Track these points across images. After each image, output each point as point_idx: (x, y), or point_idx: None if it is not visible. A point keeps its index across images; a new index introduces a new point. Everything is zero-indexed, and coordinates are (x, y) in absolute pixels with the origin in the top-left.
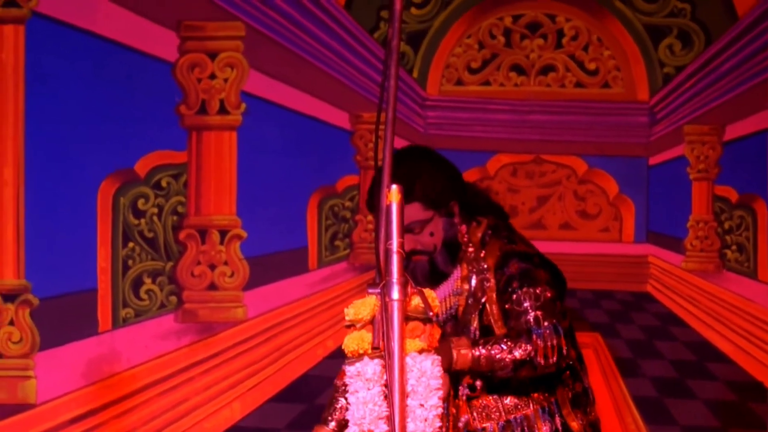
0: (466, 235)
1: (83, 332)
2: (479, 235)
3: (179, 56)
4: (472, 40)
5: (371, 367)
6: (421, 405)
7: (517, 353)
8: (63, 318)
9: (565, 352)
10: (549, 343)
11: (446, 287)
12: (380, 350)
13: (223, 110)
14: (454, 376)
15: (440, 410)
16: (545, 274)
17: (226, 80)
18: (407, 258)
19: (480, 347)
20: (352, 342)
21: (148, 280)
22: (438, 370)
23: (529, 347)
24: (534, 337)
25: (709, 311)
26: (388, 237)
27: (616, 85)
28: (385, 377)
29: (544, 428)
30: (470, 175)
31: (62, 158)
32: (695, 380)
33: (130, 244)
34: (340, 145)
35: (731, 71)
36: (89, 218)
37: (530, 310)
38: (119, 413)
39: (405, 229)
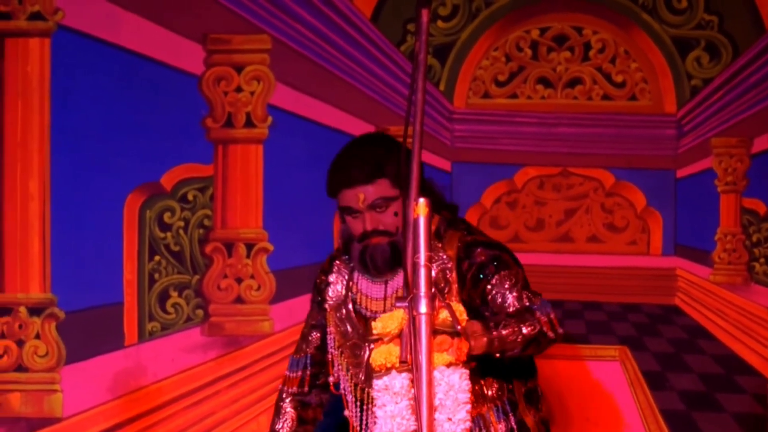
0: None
1: (109, 346)
2: (434, 227)
3: (205, 69)
4: (499, 52)
5: (399, 380)
6: (449, 419)
7: (525, 330)
8: (89, 331)
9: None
10: (551, 316)
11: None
12: (408, 364)
13: (249, 123)
14: None
15: (468, 424)
16: (512, 258)
17: (252, 93)
18: (364, 238)
19: (493, 330)
20: (380, 356)
21: (174, 294)
22: (466, 384)
23: (535, 323)
24: (537, 313)
25: (737, 324)
26: (416, 251)
27: (644, 98)
28: (412, 391)
29: (500, 426)
30: (498, 188)
31: (88, 171)
32: (723, 393)
33: (156, 258)
34: None
35: (759, 83)
36: (115, 232)
37: (515, 290)
38: (145, 427)
39: (369, 206)
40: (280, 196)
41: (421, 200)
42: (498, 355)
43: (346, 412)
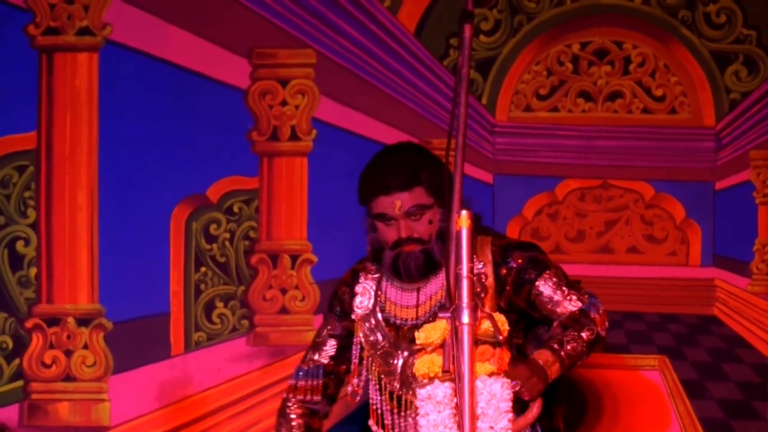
0: None
1: (156, 355)
2: None
3: (251, 83)
4: (541, 66)
5: (442, 390)
6: (491, 428)
7: (585, 336)
8: (136, 341)
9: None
10: (601, 312)
11: (437, 282)
12: (450, 373)
13: (294, 136)
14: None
15: (509, 431)
16: (545, 256)
17: (297, 107)
18: (398, 245)
19: (560, 350)
20: (423, 365)
21: (220, 304)
22: (508, 393)
23: (592, 326)
24: (591, 313)
25: None
26: (458, 262)
27: (683, 111)
28: (455, 400)
29: None
30: (539, 200)
31: (135, 184)
32: (761, 402)
33: (203, 269)
34: None
35: None
36: (162, 243)
37: (561, 290)
38: None
39: (405, 214)
40: (324, 208)
41: (464, 212)
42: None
43: (371, 422)
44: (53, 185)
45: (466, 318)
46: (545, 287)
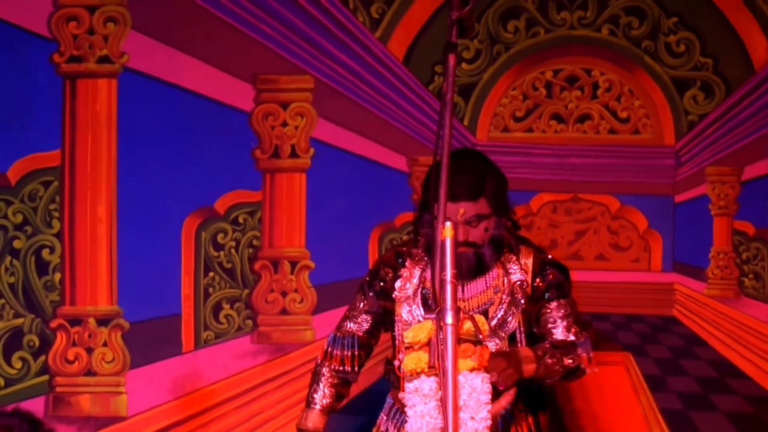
0: (509, 238)
1: (168, 352)
2: (509, 240)
3: (255, 106)
4: (517, 91)
5: (428, 384)
6: (472, 418)
7: (566, 362)
8: (150, 340)
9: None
10: (590, 355)
11: (483, 281)
12: (435, 369)
13: (293, 154)
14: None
15: (489, 422)
16: (571, 286)
17: (296, 128)
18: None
19: (542, 357)
20: (411, 362)
21: (226, 306)
22: (487, 387)
23: (576, 358)
24: (579, 349)
25: (728, 333)
26: (443, 268)
27: (646, 132)
28: (439, 393)
29: None
30: (516, 212)
31: (150, 197)
32: (717, 395)
33: (211, 274)
34: (398, 185)
35: (749, 118)
36: (174, 251)
37: (567, 320)
38: (201, 425)
39: (466, 221)
40: (321, 219)
41: (447, 224)
42: (537, 380)
43: (389, 397)
44: (76, 198)
45: (449, 319)
46: (557, 311)
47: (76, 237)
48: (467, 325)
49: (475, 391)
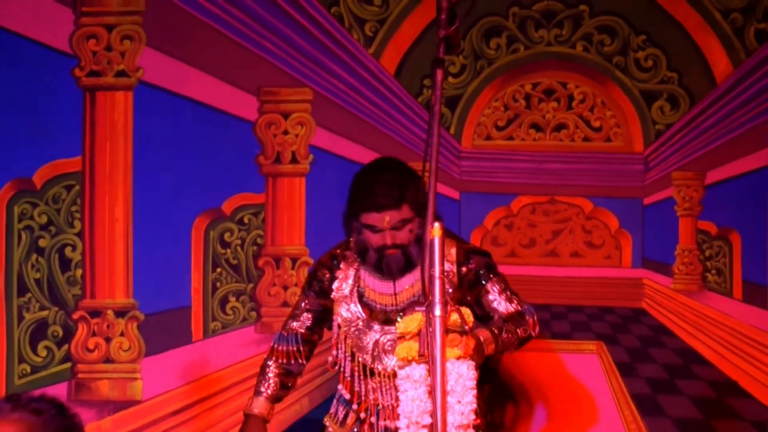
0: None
1: (180, 341)
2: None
3: (258, 116)
4: (499, 103)
5: (418, 371)
6: (459, 402)
7: (520, 333)
8: (163, 330)
9: None
10: (535, 318)
11: (413, 276)
12: (425, 357)
13: (294, 160)
14: None
15: (474, 405)
16: (496, 266)
17: (296, 136)
18: (383, 250)
19: (498, 335)
20: (403, 350)
21: (232, 299)
22: (472, 373)
23: (526, 327)
24: (527, 316)
25: (693, 324)
26: (431, 265)
27: (617, 140)
28: (429, 379)
29: None
30: (497, 213)
31: (163, 199)
32: (682, 380)
33: (218, 270)
34: None
35: (711, 128)
36: (185, 248)
37: (505, 294)
38: (209, 407)
39: (391, 227)
40: (319, 219)
41: (436, 224)
42: (497, 354)
43: (340, 386)
44: (95, 201)
45: (438, 311)
46: (493, 290)
47: (96, 236)
48: (454, 317)
49: (461, 377)
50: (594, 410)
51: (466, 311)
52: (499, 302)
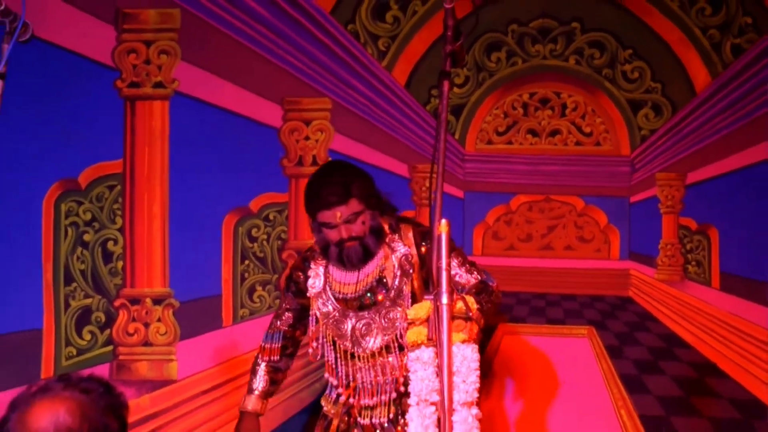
0: (385, 223)
1: (211, 327)
2: (386, 224)
3: (282, 123)
4: (499, 110)
5: (427, 353)
6: (464, 381)
7: (493, 298)
8: (196, 316)
9: None
10: (495, 283)
11: (373, 264)
12: (433, 341)
13: (314, 163)
14: None
15: (477, 384)
16: (453, 242)
17: (317, 141)
18: (341, 243)
19: (482, 310)
20: (413, 335)
21: (259, 288)
22: (476, 356)
23: (495, 294)
24: (490, 283)
25: (675, 311)
26: (439, 258)
27: (606, 144)
28: (437, 361)
29: None
30: (498, 210)
31: (196, 198)
32: (665, 362)
33: (246, 262)
34: (400, 188)
35: (691, 133)
36: (216, 242)
37: (465, 266)
38: (237, 386)
39: (344, 221)
40: None
41: (443, 221)
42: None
43: (326, 374)
44: (135, 199)
45: (445, 300)
46: (453, 264)
47: (136, 231)
48: (459, 304)
49: (466, 359)
50: (586, 389)
51: (470, 300)
52: (461, 275)
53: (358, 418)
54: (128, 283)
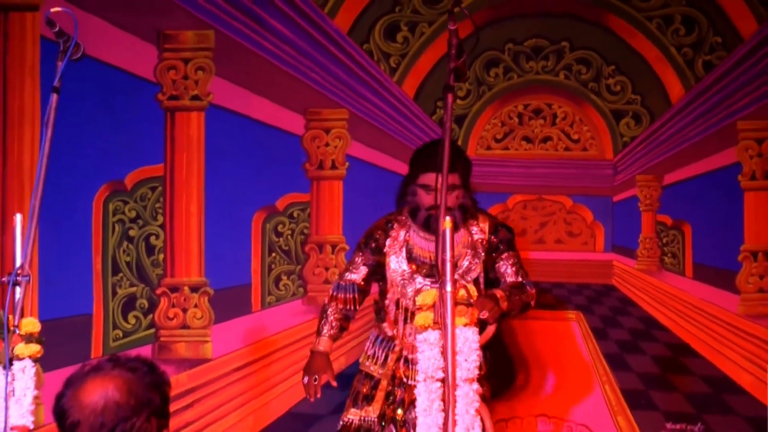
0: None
1: (242, 312)
2: (473, 211)
3: (305, 131)
4: (497, 120)
5: (433, 335)
6: (465, 360)
7: (523, 297)
8: (229, 303)
9: None
10: (534, 291)
11: (453, 238)
12: (439, 324)
13: (333, 167)
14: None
15: (477, 363)
16: (515, 241)
17: (335, 147)
18: (432, 208)
19: (509, 296)
20: (421, 319)
21: (284, 278)
22: (476, 337)
23: (527, 296)
24: (527, 288)
25: (653, 297)
26: (443, 251)
27: (592, 149)
28: (441, 342)
29: None
30: (496, 208)
31: (228, 198)
32: (644, 342)
33: (273, 254)
34: None
35: (667, 140)
36: (246, 237)
37: (515, 267)
38: (265, 364)
39: (449, 189)
40: (353, 213)
41: (447, 218)
42: (506, 313)
43: (385, 324)
44: (174, 199)
45: (449, 288)
46: (507, 259)
47: (175, 227)
48: (462, 292)
49: (467, 340)
50: (574, 366)
51: (471, 288)
52: (509, 271)
53: (404, 379)
54: (168, 273)
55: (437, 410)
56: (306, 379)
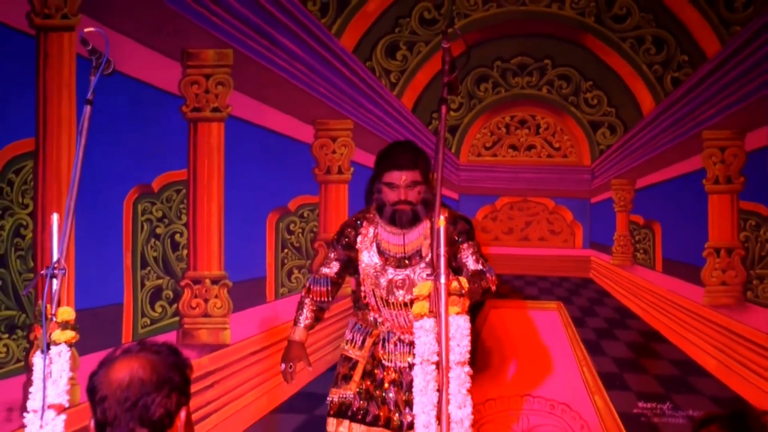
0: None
1: (257, 302)
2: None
3: (314, 140)
4: (487, 130)
5: (429, 323)
6: (458, 345)
7: (483, 284)
8: (245, 294)
9: None
10: (494, 276)
11: (417, 231)
12: (434, 313)
13: (339, 172)
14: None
15: (469, 347)
16: (474, 232)
17: (341, 154)
18: (397, 204)
19: (473, 286)
20: (417, 308)
21: (296, 271)
22: (468, 325)
23: (487, 282)
24: (487, 275)
25: (626, 289)
26: (438, 246)
27: (572, 156)
28: (436, 328)
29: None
30: (486, 209)
31: (245, 200)
32: (619, 330)
33: (285, 250)
34: None
35: (639, 148)
36: (260, 236)
37: (475, 256)
38: (278, 349)
39: (406, 185)
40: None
41: (441, 217)
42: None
43: (353, 319)
44: (197, 201)
45: (443, 280)
46: (467, 249)
47: (197, 226)
48: (454, 284)
49: (459, 327)
50: (555, 352)
51: (463, 280)
52: (470, 260)
53: (383, 360)
54: (191, 267)
55: (432, 390)
56: (283, 366)
